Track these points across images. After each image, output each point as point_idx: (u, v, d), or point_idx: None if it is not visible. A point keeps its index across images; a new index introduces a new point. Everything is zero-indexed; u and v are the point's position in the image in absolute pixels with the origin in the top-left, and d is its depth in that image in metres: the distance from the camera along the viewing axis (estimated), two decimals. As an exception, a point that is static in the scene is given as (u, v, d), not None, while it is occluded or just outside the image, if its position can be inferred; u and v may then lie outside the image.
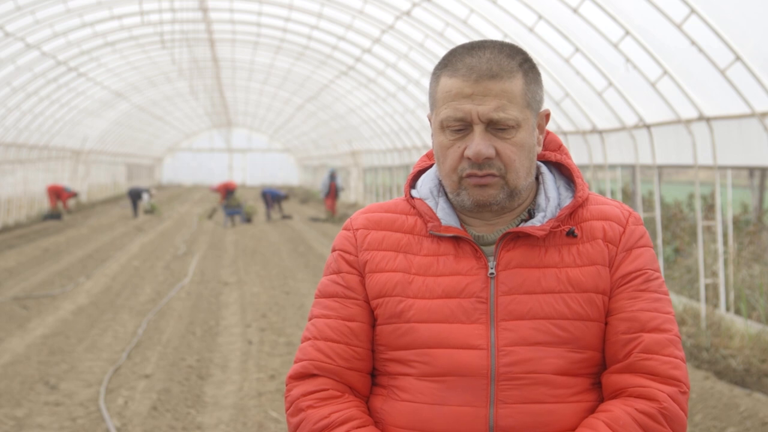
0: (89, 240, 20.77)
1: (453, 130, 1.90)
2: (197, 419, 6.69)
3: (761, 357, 7.94)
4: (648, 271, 1.93)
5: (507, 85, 1.88)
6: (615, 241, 1.94)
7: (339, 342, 1.96)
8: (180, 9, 19.45)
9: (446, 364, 1.89)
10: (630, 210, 1.99)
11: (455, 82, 1.89)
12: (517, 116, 1.88)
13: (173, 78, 29.93)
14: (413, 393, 1.91)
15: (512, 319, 1.89)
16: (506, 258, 1.92)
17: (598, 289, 1.91)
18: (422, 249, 1.96)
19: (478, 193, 1.90)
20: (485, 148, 1.87)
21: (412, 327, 1.91)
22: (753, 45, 8.36)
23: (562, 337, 1.89)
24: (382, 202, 2.09)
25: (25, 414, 6.80)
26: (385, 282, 1.95)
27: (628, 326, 1.90)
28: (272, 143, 56.80)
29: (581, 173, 2.02)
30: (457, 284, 1.91)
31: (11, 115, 21.78)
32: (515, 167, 1.89)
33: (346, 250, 2.02)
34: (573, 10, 10.47)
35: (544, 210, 1.95)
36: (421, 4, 14.59)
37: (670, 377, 1.87)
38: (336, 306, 1.99)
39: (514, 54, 1.92)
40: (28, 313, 11.16)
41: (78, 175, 32.25)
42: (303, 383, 1.96)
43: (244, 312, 11.24)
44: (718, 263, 9.66)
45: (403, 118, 23.74)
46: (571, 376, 1.90)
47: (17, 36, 17.53)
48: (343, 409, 1.92)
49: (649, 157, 11.07)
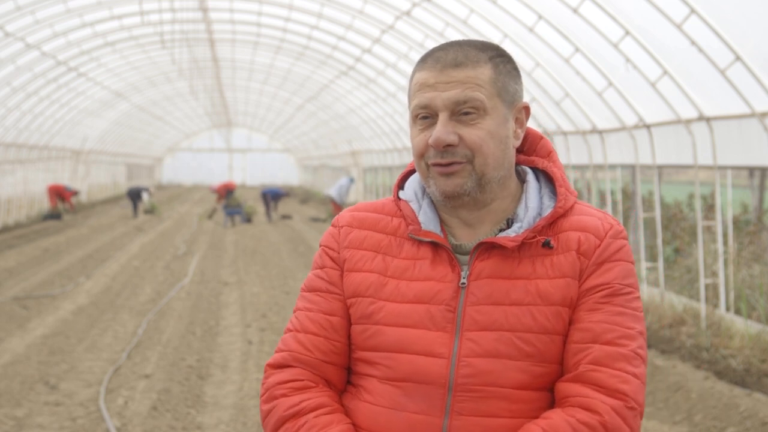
0: (89, 240, 20.77)
1: (421, 119, 1.91)
2: (197, 419, 6.69)
3: (761, 357, 7.94)
4: (615, 285, 1.88)
5: (471, 72, 1.88)
6: (588, 254, 1.89)
7: (319, 335, 1.98)
8: (180, 9, 19.45)
9: (407, 369, 1.88)
10: (612, 223, 1.94)
11: (423, 74, 1.92)
12: (482, 101, 1.87)
13: (173, 78, 29.93)
14: (375, 395, 1.92)
15: (477, 330, 1.87)
16: (479, 268, 1.90)
17: (565, 302, 1.88)
18: (402, 252, 1.96)
19: (443, 182, 1.90)
20: (445, 134, 1.86)
21: (380, 329, 1.92)
22: (753, 45, 8.36)
23: (525, 350, 1.86)
24: (373, 201, 2.09)
25: (25, 414, 6.80)
26: (360, 282, 1.96)
27: (582, 336, 1.86)
28: (272, 143, 56.80)
29: (567, 181, 1.99)
30: (429, 290, 1.90)
31: (11, 115, 21.78)
32: (483, 152, 1.88)
33: (329, 246, 2.04)
34: (573, 10, 10.47)
35: (522, 220, 1.93)
36: (421, 4, 14.59)
37: (617, 390, 1.81)
38: (319, 300, 2.01)
39: (486, 48, 1.93)
40: (28, 313, 11.16)
41: (78, 175, 32.25)
42: (280, 372, 1.99)
43: (244, 312, 11.24)
44: (718, 263, 9.66)
45: (403, 118, 23.73)
46: (532, 390, 1.87)
47: (17, 36, 17.53)
48: (315, 397, 1.93)
49: (649, 157, 11.07)
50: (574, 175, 14.30)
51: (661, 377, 7.80)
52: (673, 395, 7.34)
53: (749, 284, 9.92)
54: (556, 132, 13.86)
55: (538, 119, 14.09)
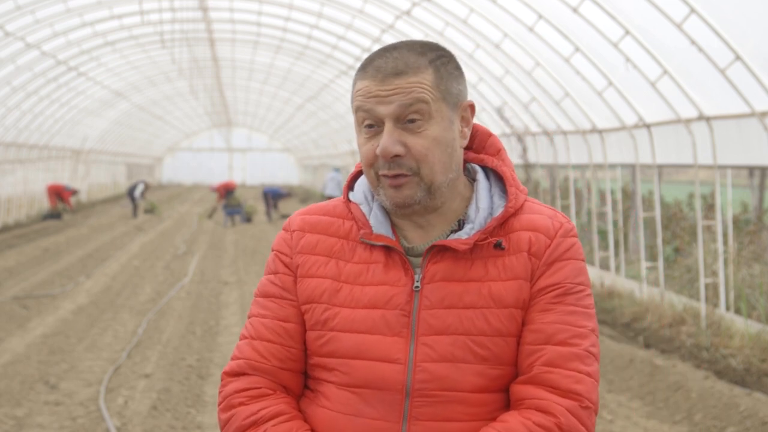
0: (89, 240, 20.77)
1: (366, 127, 1.89)
2: (197, 419, 6.70)
3: (761, 357, 7.94)
4: (567, 285, 1.87)
5: (413, 79, 1.86)
6: (539, 254, 1.88)
7: (274, 342, 1.96)
8: (180, 9, 19.46)
9: (364, 375, 1.87)
10: (562, 221, 1.93)
11: (365, 83, 1.89)
12: (425, 108, 1.85)
13: (173, 78, 29.93)
14: (333, 401, 1.91)
15: (432, 334, 1.86)
16: (432, 271, 1.88)
17: (518, 304, 1.87)
18: (354, 256, 1.94)
19: (393, 194, 1.88)
20: (391, 145, 1.84)
21: (335, 336, 1.90)
22: (753, 45, 8.36)
23: (479, 354, 1.85)
24: (323, 202, 2.07)
25: (25, 414, 6.81)
26: (314, 288, 1.94)
27: (534, 338, 1.85)
28: (272, 143, 56.80)
29: (517, 179, 1.97)
30: (383, 295, 1.89)
31: (11, 115, 21.78)
32: (429, 161, 1.86)
33: (282, 251, 2.01)
34: (573, 9, 10.47)
35: (473, 221, 1.91)
36: (421, 4, 14.59)
37: (571, 391, 1.81)
38: (272, 306, 1.99)
39: (426, 51, 1.90)
40: (28, 312, 11.16)
41: (78, 175, 32.25)
42: (237, 380, 1.96)
43: (244, 312, 11.24)
44: (718, 263, 9.66)
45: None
46: (488, 392, 1.87)
47: (17, 36, 17.54)
48: (273, 405, 1.92)
49: (649, 157, 11.08)
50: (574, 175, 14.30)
51: (661, 377, 7.81)
52: (673, 395, 7.34)
53: (749, 284, 9.92)
54: (556, 131, 13.86)
55: (538, 119, 14.09)
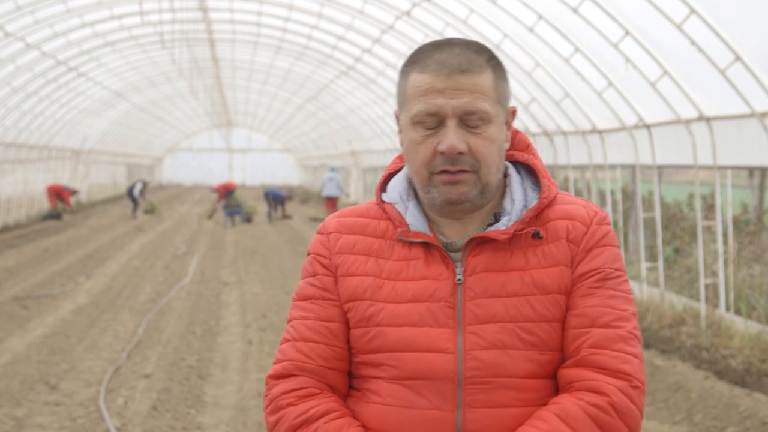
0: (89, 240, 20.77)
1: (425, 126, 1.89)
2: (197, 419, 6.69)
3: (761, 357, 7.94)
4: (606, 270, 1.92)
5: (478, 80, 1.88)
6: (577, 241, 1.93)
7: (319, 342, 1.98)
8: (180, 9, 19.46)
9: (414, 367, 1.90)
10: (596, 210, 1.98)
11: (426, 78, 1.88)
12: (489, 110, 1.88)
13: (173, 78, 29.93)
14: (383, 396, 1.93)
15: (479, 323, 1.89)
16: (473, 263, 1.92)
17: (561, 289, 1.91)
18: (393, 254, 1.97)
19: (449, 190, 1.90)
20: (459, 143, 1.86)
21: (381, 330, 1.92)
22: (753, 45, 8.36)
23: (528, 340, 1.89)
24: (355, 206, 2.09)
25: (25, 414, 6.81)
26: (356, 286, 1.96)
27: (579, 321, 1.89)
28: (272, 143, 56.81)
29: (548, 173, 2.02)
30: (426, 288, 1.92)
31: (11, 115, 21.78)
32: (488, 162, 1.89)
33: (320, 253, 2.03)
34: (573, 10, 10.47)
35: (510, 213, 1.95)
36: (421, 4, 14.59)
37: (619, 371, 1.85)
38: (314, 308, 2.00)
39: (481, 51, 1.92)
40: (28, 312, 11.16)
41: (78, 175, 32.25)
42: (283, 382, 1.98)
43: (244, 312, 11.24)
44: (718, 263, 9.66)
45: (403, 118, 23.71)
46: (538, 378, 1.90)
47: (17, 36, 17.54)
48: (322, 404, 1.93)
49: (649, 157, 11.08)
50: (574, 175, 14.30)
51: (661, 377, 7.81)
52: (673, 395, 7.34)
53: (749, 284, 9.93)
54: (556, 132, 13.86)
55: (538, 119, 14.09)
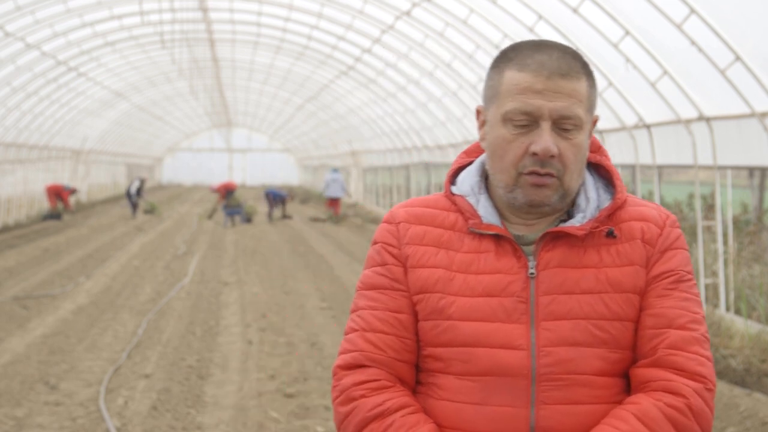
0: (89, 240, 20.77)
1: (517, 125, 1.88)
2: (197, 419, 6.69)
3: (761, 357, 7.94)
4: (680, 272, 1.94)
5: (576, 85, 1.88)
6: (652, 242, 1.94)
7: (389, 333, 1.95)
8: (180, 9, 19.46)
9: (487, 363, 1.88)
10: (668, 212, 2.00)
11: (525, 77, 1.88)
12: (583, 117, 1.88)
13: (173, 78, 29.93)
14: (453, 392, 1.91)
15: (552, 320, 1.88)
16: (546, 258, 1.92)
17: (635, 289, 1.91)
18: (463, 246, 1.95)
19: (533, 192, 1.89)
20: (552, 146, 1.86)
21: (452, 324, 1.91)
22: (753, 45, 8.36)
23: (601, 337, 1.88)
24: (422, 197, 2.07)
25: (25, 414, 6.80)
26: (427, 278, 1.94)
27: (656, 322, 1.90)
28: (272, 143, 56.82)
29: (620, 175, 2.03)
30: (498, 283, 1.91)
31: (11, 115, 21.78)
32: (572, 169, 1.89)
33: (389, 242, 2.00)
34: (573, 10, 10.47)
35: (584, 211, 1.95)
36: (421, 4, 14.59)
37: (696, 373, 1.86)
38: (383, 298, 1.97)
39: (577, 57, 1.93)
40: (28, 312, 11.16)
41: (78, 175, 32.25)
42: (354, 373, 1.94)
43: (244, 312, 11.24)
44: (718, 263, 9.66)
45: (403, 118, 23.74)
46: (610, 376, 1.90)
47: (17, 36, 17.54)
48: (397, 397, 1.91)
49: (649, 157, 11.08)
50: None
51: (661, 377, 7.80)
52: (673, 395, 7.33)
53: (749, 284, 9.93)
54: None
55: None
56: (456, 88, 17.71)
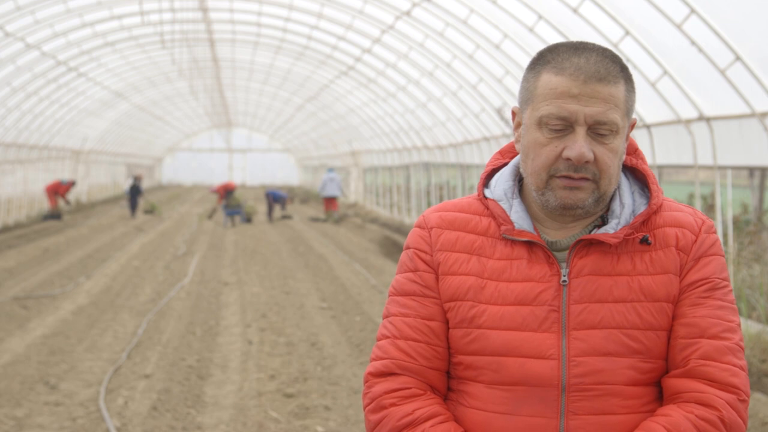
0: (89, 240, 20.77)
1: (552, 129, 1.86)
2: (197, 419, 6.69)
3: (761, 357, 7.95)
4: (715, 280, 1.90)
5: (613, 90, 1.85)
6: (687, 250, 1.91)
7: (420, 341, 1.94)
8: (180, 9, 19.45)
9: (517, 373, 1.87)
10: (704, 218, 1.96)
11: (561, 80, 1.86)
12: (619, 122, 1.86)
13: (173, 78, 29.93)
14: (483, 401, 1.90)
15: (584, 329, 1.86)
16: (579, 265, 1.89)
17: (669, 298, 1.89)
18: (495, 252, 1.94)
19: (566, 195, 1.87)
20: (587, 151, 1.84)
21: (483, 333, 1.90)
22: (753, 45, 8.36)
23: (633, 347, 1.86)
24: (455, 200, 2.06)
25: (25, 414, 6.80)
26: (459, 286, 1.93)
27: (688, 331, 1.87)
28: (272, 143, 56.82)
29: (656, 178, 2.01)
30: (531, 291, 1.89)
31: (11, 115, 21.78)
32: (609, 173, 1.87)
33: (421, 248, 2.00)
34: (573, 10, 10.47)
35: (618, 216, 1.92)
36: (421, 4, 14.59)
37: (729, 384, 1.83)
38: (414, 305, 1.97)
39: (616, 60, 1.89)
40: (28, 313, 11.16)
41: (78, 175, 32.25)
42: (385, 381, 1.94)
43: (244, 312, 11.24)
44: (718, 263, 9.64)
45: (403, 118, 23.74)
46: (642, 386, 1.88)
47: (17, 36, 17.53)
48: (427, 406, 1.90)
49: (649, 157, 11.08)
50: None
51: (661, 377, 7.80)
52: (673, 395, 7.34)
53: (749, 284, 9.93)
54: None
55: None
56: (456, 88, 17.70)
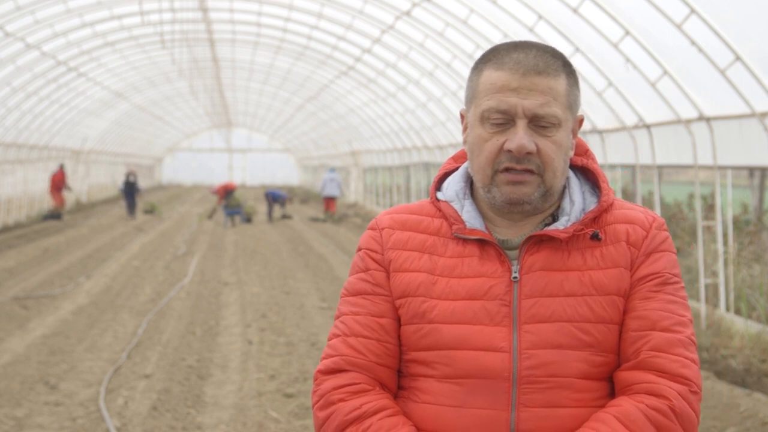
0: (89, 240, 20.77)
1: (493, 123, 1.89)
2: (197, 419, 6.69)
3: (761, 357, 7.95)
4: (666, 275, 1.92)
5: (553, 83, 1.87)
6: (638, 245, 1.93)
7: (370, 338, 1.96)
8: (180, 9, 19.45)
9: (468, 366, 1.88)
10: (654, 215, 1.99)
11: (501, 75, 1.88)
12: (559, 115, 1.88)
13: (173, 78, 29.92)
14: (434, 395, 1.91)
15: (535, 322, 1.88)
16: (529, 261, 1.91)
17: (620, 291, 1.90)
18: (447, 251, 1.95)
19: (511, 190, 1.89)
20: (528, 143, 1.85)
21: (435, 327, 1.91)
22: (753, 45, 8.36)
23: (584, 340, 1.87)
24: (408, 204, 2.08)
25: (25, 414, 6.80)
26: (409, 282, 1.95)
27: (639, 324, 1.89)
28: (272, 143, 56.81)
29: (607, 178, 2.01)
30: (482, 286, 1.90)
31: (11, 115, 21.78)
32: (553, 166, 1.89)
33: (372, 248, 2.02)
34: (573, 10, 10.47)
35: (569, 214, 1.94)
36: (421, 4, 14.59)
37: (680, 375, 1.85)
38: (365, 303, 1.98)
39: (557, 55, 1.92)
40: (28, 313, 11.16)
41: (78, 175, 32.24)
42: (334, 377, 1.95)
43: (244, 312, 11.24)
44: (718, 263, 9.66)
45: (403, 118, 23.73)
46: (593, 380, 1.89)
47: (17, 36, 17.53)
48: (375, 400, 1.91)
49: (649, 157, 11.07)
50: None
51: (661, 377, 7.80)
52: (673, 395, 7.33)
53: (749, 284, 9.93)
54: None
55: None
56: (456, 88, 17.71)
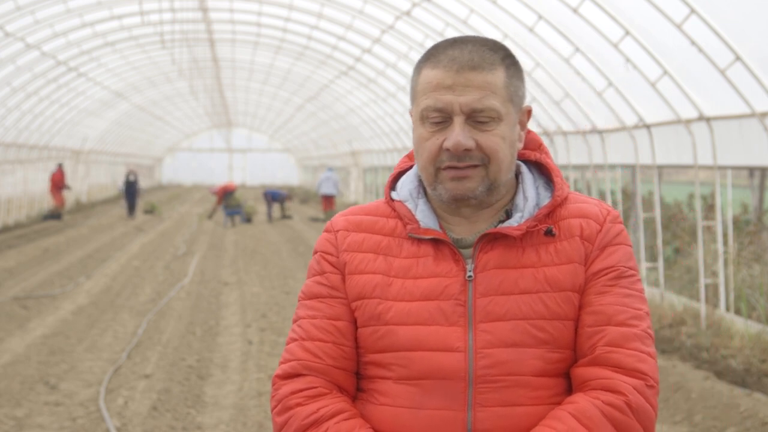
0: (89, 240, 20.77)
1: (432, 122, 1.88)
2: (197, 419, 6.70)
3: (761, 357, 7.94)
4: (621, 268, 1.90)
5: (489, 77, 1.86)
6: (591, 239, 1.91)
7: (326, 341, 1.94)
8: (180, 9, 19.45)
9: (424, 367, 1.87)
10: (609, 208, 1.96)
11: (437, 73, 1.87)
12: (498, 108, 1.86)
13: (173, 78, 29.92)
14: (392, 397, 1.89)
15: (490, 321, 1.86)
16: (484, 260, 1.90)
17: (575, 287, 1.89)
18: (402, 251, 1.94)
19: (455, 186, 1.88)
20: (465, 140, 1.84)
21: (391, 329, 1.89)
22: (753, 45, 8.36)
23: (540, 337, 1.86)
24: (363, 204, 2.07)
25: (25, 414, 6.81)
26: (365, 284, 1.94)
27: (595, 319, 1.87)
28: (272, 143, 56.80)
29: (561, 172, 2.00)
30: (437, 286, 1.89)
31: (11, 115, 21.78)
32: (497, 159, 1.87)
33: (327, 251, 2.00)
34: (573, 10, 10.47)
35: (522, 210, 1.93)
36: (421, 4, 14.59)
37: (636, 370, 1.83)
38: (321, 306, 1.97)
39: (497, 48, 1.90)
40: (28, 313, 11.16)
41: (78, 175, 32.24)
42: (292, 382, 1.94)
43: (244, 312, 11.24)
44: (718, 263, 9.66)
45: (403, 118, 23.74)
46: (550, 377, 1.87)
47: (17, 36, 17.53)
48: (332, 404, 1.90)
49: (649, 157, 11.07)
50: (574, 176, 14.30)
51: (661, 377, 7.76)
52: (673, 395, 7.34)
53: (749, 284, 9.93)
54: (556, 132, 13.87)
55: (538, 119, 14.09)
56: (456, 88, 17.69)
